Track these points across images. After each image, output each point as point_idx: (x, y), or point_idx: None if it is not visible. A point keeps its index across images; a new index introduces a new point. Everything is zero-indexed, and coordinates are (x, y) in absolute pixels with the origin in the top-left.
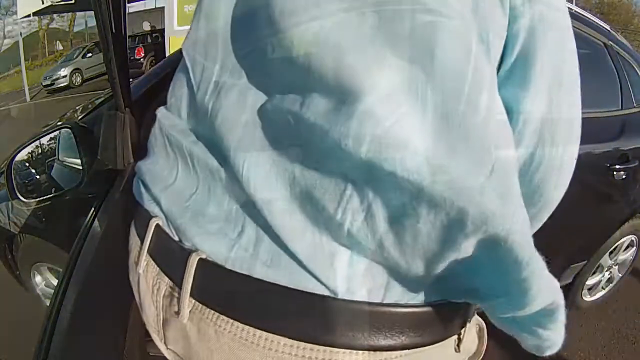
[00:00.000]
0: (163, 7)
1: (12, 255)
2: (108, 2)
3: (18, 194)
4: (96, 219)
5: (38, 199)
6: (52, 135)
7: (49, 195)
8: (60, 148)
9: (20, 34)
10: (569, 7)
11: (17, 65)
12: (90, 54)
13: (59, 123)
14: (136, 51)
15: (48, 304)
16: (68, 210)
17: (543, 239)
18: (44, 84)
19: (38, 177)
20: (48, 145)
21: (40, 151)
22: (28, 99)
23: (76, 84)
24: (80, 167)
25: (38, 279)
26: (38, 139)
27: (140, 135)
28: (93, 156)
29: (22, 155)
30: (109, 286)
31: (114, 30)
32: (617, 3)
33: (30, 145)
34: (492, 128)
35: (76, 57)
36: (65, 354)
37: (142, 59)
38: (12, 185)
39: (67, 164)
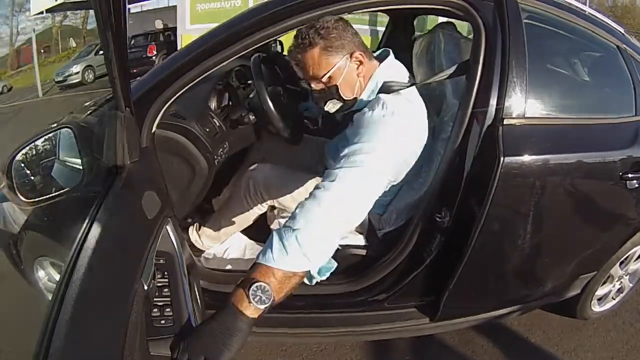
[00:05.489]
0: (175, 6)
1: (16, 250)
2: (109, 2)
3: (18, 194)
4: (96, 219)
5: (38, 199)
6: (52, 135)
7: (49, 195)
8: (60, 148)
9: (34, 30)
10: (582, 9)
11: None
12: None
13: (62, 121)
14: (148, 49)
15: (49, 302)
16: (68, 209)
17: (551, 251)
18: (56, 80)
19: (38, 176)
20: (48, 145)
21: (40, 151)
22: (40, 94)
23: (88, 80)
24: (80, 167)
25: (41, 273)
26: (38, 138)
27: (141, 135)
28: (93, 156)
29: (23, 155)
30: (109, 286)
31: (114, 30)
32: (630, 6)
33: (31, 145)
34: None
35: (89, 54)
36: (65, 353)
37: (154, 57)
38: (13, 185)
39: (67, 163)
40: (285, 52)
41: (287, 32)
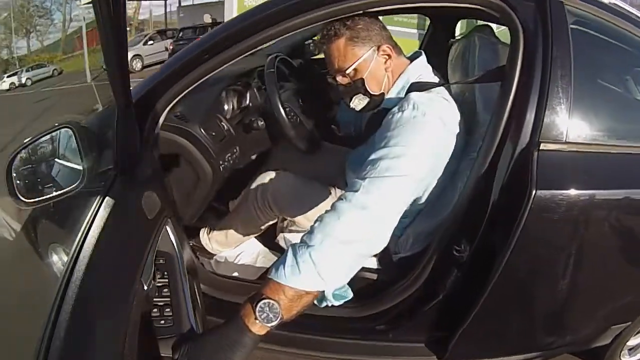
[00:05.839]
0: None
1: (34, 233)
2: (109, 1)
3: (18, 194)
4: (96, 219)
5: (38, 199)
6: (52, 135)
7: (49, 195)
8: (61, 148)
9: (84, 18)
10: (638, 17)
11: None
12: (151, 42)
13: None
14: None
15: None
16: (68, 209)
17: (582, 299)
18: (105, 66)
19: (38, 177)
20: (48, 145)
21: (40, 151)
22: (89, 79)
23: (136, 69)
24: (80, 167)
25: (55, 258)
26: (38, 138)
27: (143, 136)
28: (93, 156)
29: (22, 155)
30: (109, 286)
31: (114, 29)
32: None
33: (31, 145)
34: None
35: (137, 44)
36: (65, 353)
37: None
38: (12, 186)
39: (67, 163)
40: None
41: (300, 29)
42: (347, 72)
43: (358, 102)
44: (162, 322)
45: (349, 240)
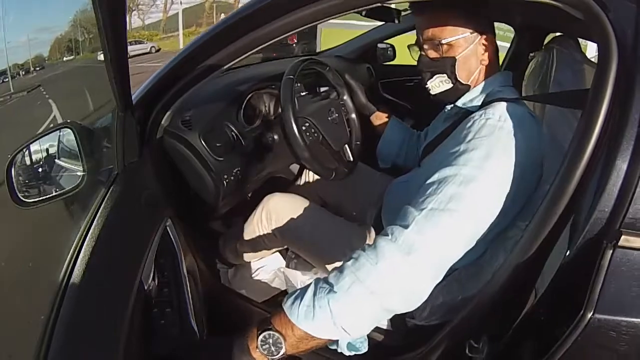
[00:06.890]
0: None
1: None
2: (109, 1)
3: (18, 194)
4: (96, 219)
5: (39, 199)
6: (52, 135)
7: (49, 195)
8: (61, 148)
9: (181, 2)
10: None
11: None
12: None
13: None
14: (289, 38)
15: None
16: (68, 209)
17: None
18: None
19: (38, 177)
20: (48, 145)
21: (40, 151)
22: None
23: None
24: (81, 167)
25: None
26: (38, 139)
27: (145, 137)
28: (94, 156)
29: (22, 155)
30: (109, 286)
31: (114, 29)
32: None
33: (31, 145)
34: None
35: None
36: (65, 353)
37: (294, 45)
38: (12, 186)
39: (68, 163)
40: (396, 61)
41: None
42: (441, 45)
43: (438, 84)
44: (162, 322)
45: (383, 291)
